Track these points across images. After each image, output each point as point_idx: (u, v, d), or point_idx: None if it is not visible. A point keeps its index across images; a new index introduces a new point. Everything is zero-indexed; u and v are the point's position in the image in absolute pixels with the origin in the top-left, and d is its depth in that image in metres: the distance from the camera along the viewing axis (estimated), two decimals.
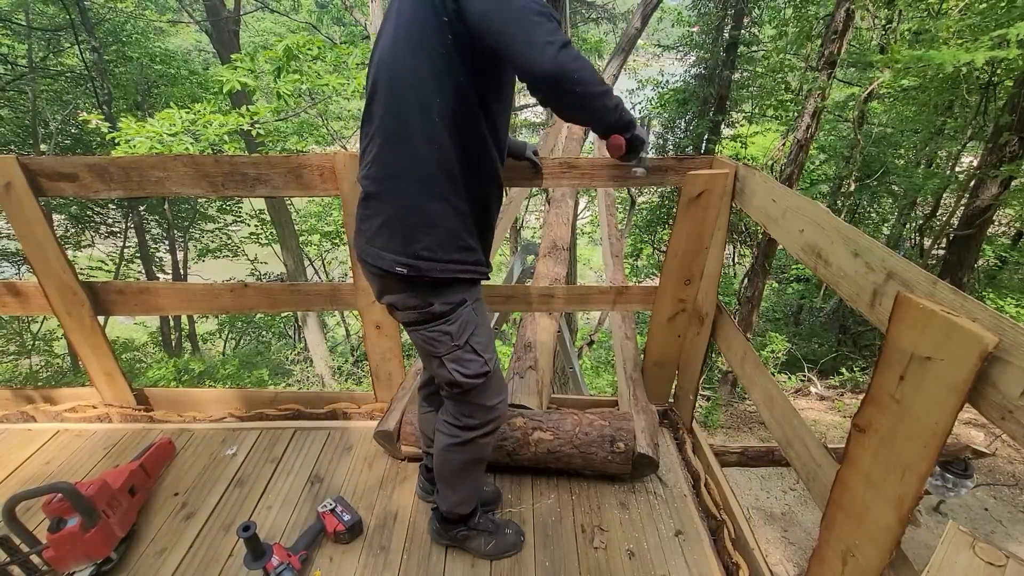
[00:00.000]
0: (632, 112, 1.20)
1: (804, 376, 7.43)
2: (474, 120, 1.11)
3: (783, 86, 8.25)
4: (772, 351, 7.77)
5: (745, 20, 9.22)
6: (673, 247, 1.75)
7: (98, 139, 9.01)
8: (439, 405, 1.56)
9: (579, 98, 1.02)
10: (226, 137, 5.04)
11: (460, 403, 1.35)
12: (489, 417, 1.36)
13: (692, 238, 1.71)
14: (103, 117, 5.78)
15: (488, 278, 1.29)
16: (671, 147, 11.00)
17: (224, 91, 4.86)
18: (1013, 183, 5.99)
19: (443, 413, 1.41)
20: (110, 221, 10.17)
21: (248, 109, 5.20)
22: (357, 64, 5.74)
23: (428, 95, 1.05)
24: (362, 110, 1.20)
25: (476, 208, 1.20)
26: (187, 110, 5.02)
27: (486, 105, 1.13)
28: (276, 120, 6.03)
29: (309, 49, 5.17)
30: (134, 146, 4.56)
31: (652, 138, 1.38)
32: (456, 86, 1.06)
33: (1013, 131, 5.46)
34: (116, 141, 4.68)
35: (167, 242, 11.18)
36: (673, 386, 2.21)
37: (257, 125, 5.42)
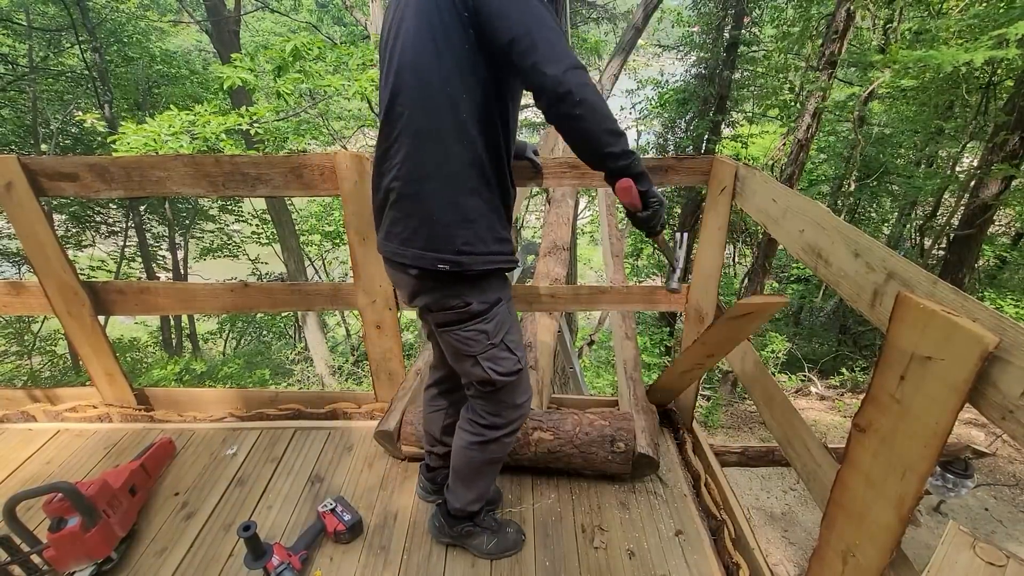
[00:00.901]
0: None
1: (804, 376, 7.43)
2: (497, 114, 1.13)
3: (786, 86, 8.25)
4: (772, 351, 7.78)
5: (745, 20, 9.21)
6: (704, 339, 1.60)
7: (98, 139, 9.01)
8: (447, 404, 1.57)
9: (583, 120, 1.00)
10: (223, 135, 5.03)
11: (489, 402, 1.35)
12: (515, 415, 1.37)
13: (723, 341, 1.59)
14: (100, 116, 5.77)
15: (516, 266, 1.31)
16: (671, 147, 10.99)
17: (225, 87, 4.85)
18: (1013, 183, 5.99)
19: (467, 412, 1.41)
20: (111, 221, 10.17)
21: (248, 109, 5.19)
22: (358, 65, 5.73)
23: (455, 92, 1.06)
24: (367, 109, 1.19)
25: (503, 199, 1.21)
26: (187, 111, 5.02)
27: (506, 100, 1.14)
28: (276, 120, 6.02)
29: (310, 50, 5.16)
30: (131, 146, 4.56)
31: (682, 250, 1.33)
32: (481, 82, 1.07)
33: (1010, 130, 5.46)
34: (115, 143, 4.68)
35: (168, 241, 11.17)
36: None
37: (256, 125, 5.42)
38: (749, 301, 1.36)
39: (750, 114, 10.44)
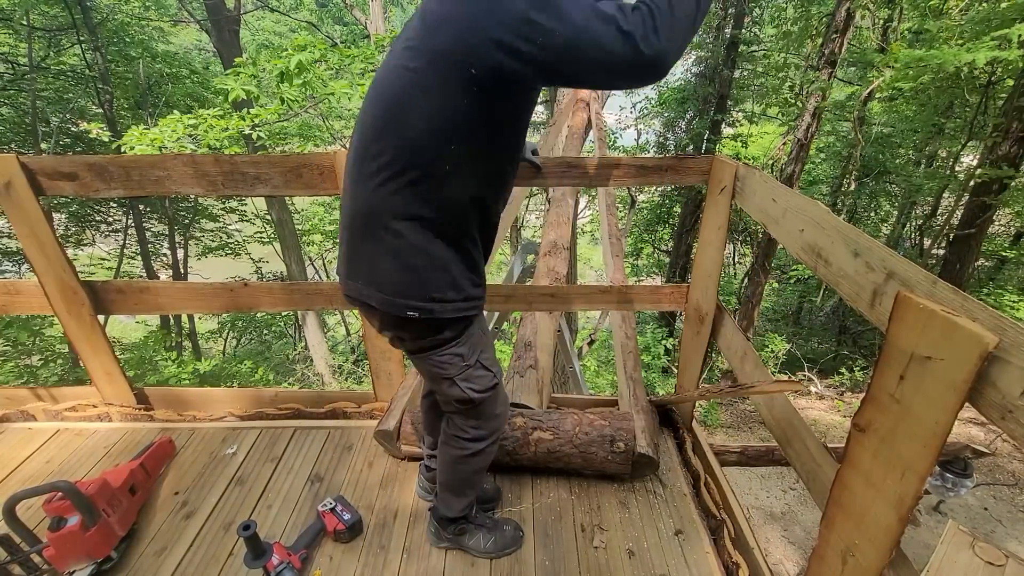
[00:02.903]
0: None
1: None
2: (485, 168, 1.09)
3: (788, 84, 8.24)
4: (772, 351, 7.78)
5: (746, 20, 9.21)
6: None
7: (99, 143, 8.99)
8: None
9: (690, 32, 0.95)
10: (227, 142, 5.03)
11: (468, 417, 1.36)
12: (496, 425, 1.40)
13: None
14: (103, 125, 5.76)
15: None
16: (672, 146, 10.99)
17: (230, 99, 4.84)
18: (1013, 182, 6.00)
19: (449, 427, 1.41)
20: (111, 220, 10.15)
21: (249, 112, 5.18)
22: (360, 71, 5.72)
23: (443, 146, 1.02)
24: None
25: (480, 247, 1.19)
26: (189, 115, 5.02)
27: (495, 157, 1.11)
28: (277, 121, 6.01)
29: (312, 52, 5.14)
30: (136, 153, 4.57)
31: None
32: (471, 140, 1.03)
33: (1006, 131, 5.48)
34: (121, 149, 4.67)
35: (168, 240, 11.16)
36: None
37: (258, 128, 5.41)
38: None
39: (750, 113, 10.43)
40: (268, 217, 11.59)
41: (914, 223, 9.69)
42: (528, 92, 1.07)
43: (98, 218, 9.95)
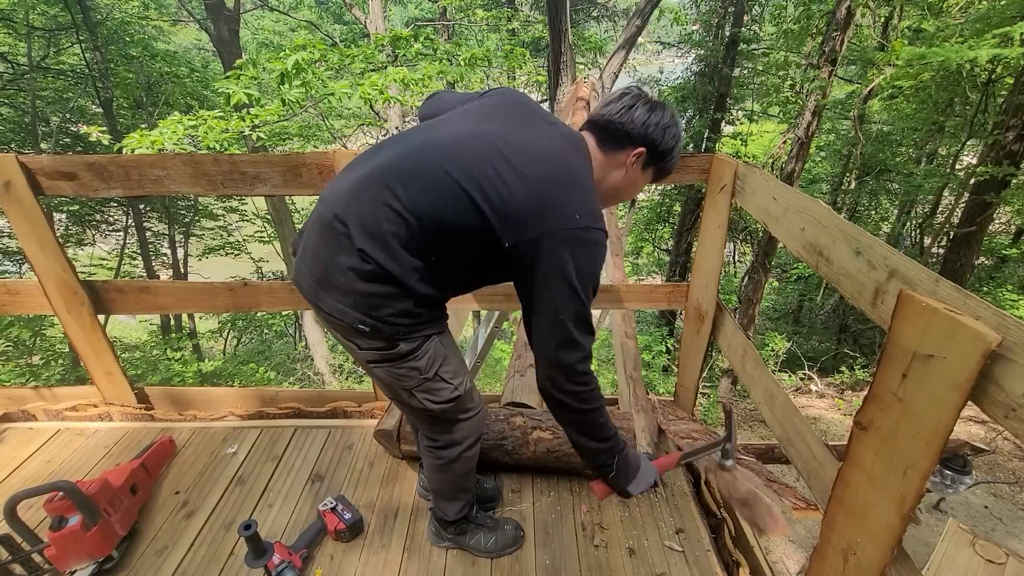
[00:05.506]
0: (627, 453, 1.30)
1: (804, 374, 7.43)
2: (448, 276, 1.13)
3: (787, 83, 8.23)
4: (772, 350, 7.78)
5: (745, 18, 9.19)
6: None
7: (100, 142, 8.98)
8: None
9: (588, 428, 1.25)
10: (227, 143, 5.02)
11: (435, 425, 1.33)
12: (469, 429, 1.36)
13: None
14: (103, 128, 5.76)
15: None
16: None
17: (231, 103, 4.82)
18: (1013, 180, 5.99)
19: (423, 439, 1.40)
20: (111, 220, 10.14)
21: (249, 112, 5.17)
22: (360, 70, 5.70)
23: (441, 241, 1.05)
24: (367, 107, 1.16)
25: (443, 299, 1.18)
26: (190, 116, 5.02)
27: (472, 273, 1.17)
28: (277, 122, 6.00)
29: (311, 52, 5.13)
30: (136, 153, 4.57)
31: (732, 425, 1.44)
32: (453, 258, 1.08)
33: (1004, 130, 5.48)
34: (122, 151, 4.68)
35: (168, 239, 11.15)
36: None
37: (258, 129, 5.40)
38: None
39: (750, 112, 10.42)
40: (268, 217, 11.58)
41: (914, 221, 9.68)
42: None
43: (98, 218, 9.94)
